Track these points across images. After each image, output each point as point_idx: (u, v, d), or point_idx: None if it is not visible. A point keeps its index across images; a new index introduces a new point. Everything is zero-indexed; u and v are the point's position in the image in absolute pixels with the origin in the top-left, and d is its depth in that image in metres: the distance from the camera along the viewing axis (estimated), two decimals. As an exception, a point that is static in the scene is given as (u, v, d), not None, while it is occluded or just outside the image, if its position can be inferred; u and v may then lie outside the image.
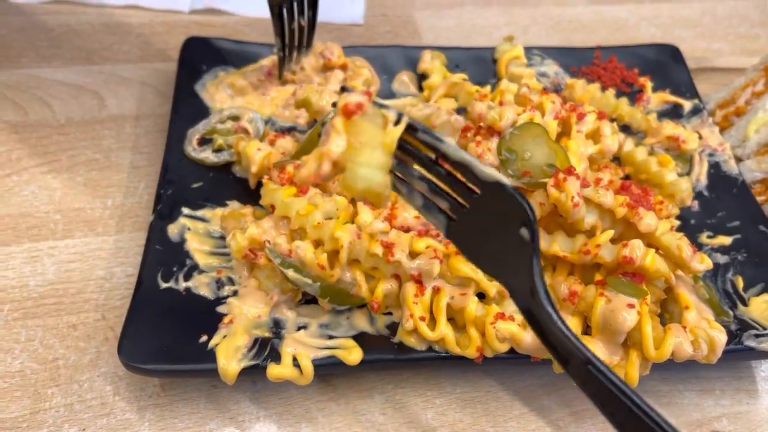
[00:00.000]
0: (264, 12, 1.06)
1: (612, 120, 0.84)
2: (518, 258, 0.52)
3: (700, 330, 0.61)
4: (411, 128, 0.51)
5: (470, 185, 0.52)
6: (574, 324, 0.63)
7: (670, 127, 0.82)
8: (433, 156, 0.52)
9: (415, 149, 0.52)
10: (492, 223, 0.53)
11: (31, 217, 0.76)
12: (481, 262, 0.55)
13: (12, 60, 0.94)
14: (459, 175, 0.52)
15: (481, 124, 0.71)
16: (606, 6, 1.18)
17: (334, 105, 0.50)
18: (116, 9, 1.04)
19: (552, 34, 1.11)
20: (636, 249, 0.62)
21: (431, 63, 0.90)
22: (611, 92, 0.86)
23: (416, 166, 0.53)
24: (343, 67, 0.87)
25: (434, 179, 0.53)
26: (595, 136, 0.74)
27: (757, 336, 0.66)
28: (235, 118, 0.80)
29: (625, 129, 0.85)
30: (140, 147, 0.85)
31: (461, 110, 0.84)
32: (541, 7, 1.16)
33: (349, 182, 0.50)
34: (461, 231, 0.54)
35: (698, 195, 0.80)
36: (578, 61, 0.95)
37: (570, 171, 0.65)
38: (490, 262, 0.54)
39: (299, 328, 0.65)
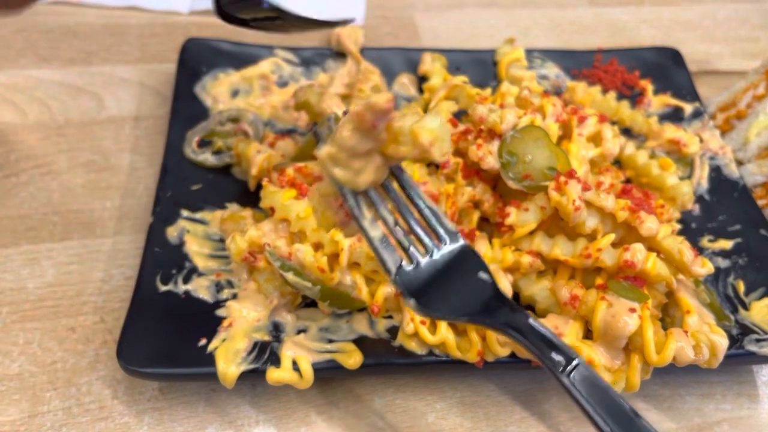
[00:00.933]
0: (264, 13, 1.06)
1: (613, 123, 0.84)
2: (481, 294, 0.54)
3: (702, 334, 0.61)
4: (398, 168, 0.53)
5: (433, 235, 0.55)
6: (575, 328, 0.62)
7: (671, 131, 0.82)
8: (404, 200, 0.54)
9: (393, 189, 0.53)
10: (448, 270, 0.54)
11: (29, 219, 0.76)
12: (433, 302, 0.53)
13: (11, 60, 0.94)
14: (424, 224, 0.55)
15: (482, 126, 0.71)
16: (606, 8, 1.18)
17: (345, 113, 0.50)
18: (115, 10, 1.04)
19: (552, 35, 1.11)
20: (637, 253, 0.62)
21: (432, 65, 0.89)
22: (612, 95, 0.86)
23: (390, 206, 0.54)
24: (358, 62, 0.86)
25: (404, 219, 0.54)
26: (596, 139, 0.74)
27: (758, 340, 0.65)
28: (235, 120, 0.80)
29: (626, 132, 0.85)
30: (139, 149, 0.84)
31: (462, 113, 0.84)
32: (542, 9, 1.16)
33: (415, 128, 0.48)
34: (412, 276, 0.53)
35: (699, 198, 0.80)
36: (579, 63, 0.94)
37: (571, 174, 0.65)
38: (444, 306, 0.54)
39: (299, 332, 0.65)
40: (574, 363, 0.51)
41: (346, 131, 0.48)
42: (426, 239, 0.54)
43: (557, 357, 0.52)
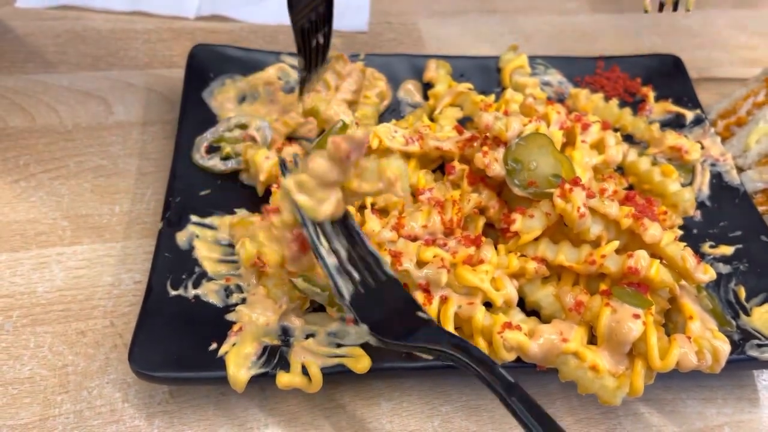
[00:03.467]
0: (269, 19, 1.07)
1: (615, 130, 0.85)
2: (423, 325, 0.57)
3: (705, 340, 0.62)
4: (348, 213, 0.59)
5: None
6: (579, 334, 0.63)
7: (672, 137, 0.83)
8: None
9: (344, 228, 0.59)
10: (392, 303, 0.59)
11: (39, 224, 0.77)
12: (384, 329, 0.57)
13: (19, 65, 0.94)
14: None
15: (488, 134, 0.72)
16: (608, 15, 1.19)
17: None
18: (122, 15, 1.04)
19: (554, 42, 1.12)
20: (641, 259, 0.63)
21: (436, 72, 0.90)
22: (614, 102, 0.87)
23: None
24: (363, 71, 0.87)
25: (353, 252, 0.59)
26: (599, 146, 0.75)
27: (759, 346, 0.66)
28: (243, 127, 0.81)
29: (628, 139, 0.86)
30: (147, 153, 0.85)
31: (466, 119, 0.85)
32: (544, 16, 1.17)
33: (383, 164, 0.55)
34: (365, 302, 0.58)
35: (700, 205, 0.81)
36: (581, 70, 0.95)
37: (576, 182, 0.66)
38: (393, 331, 0.57)
39: (307, 336, 0.66)
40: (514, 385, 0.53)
41: (320, 158, 0.53)
42: (372, 274, 0.58)
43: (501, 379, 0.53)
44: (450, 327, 0.64)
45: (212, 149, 0.80)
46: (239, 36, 1.04)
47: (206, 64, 0.89)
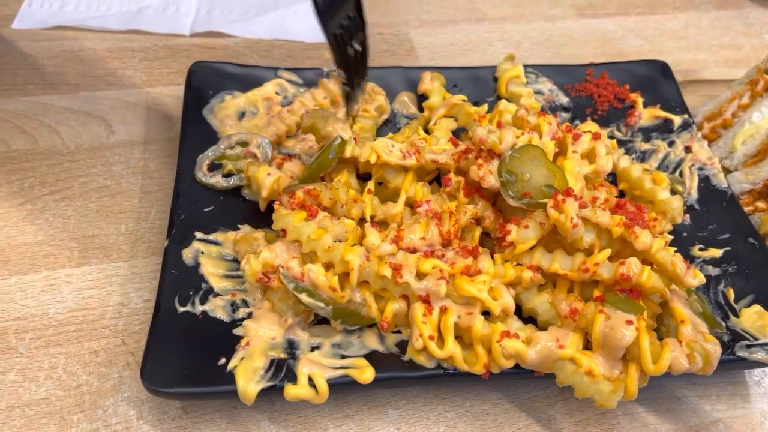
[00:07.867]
0: (263, 34, 1.09)
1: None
2: None
3: (696, 344, 0.64)
4: None
5: None
6: (575, 340, 0.65)
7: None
8: None
9: None
10: None
11: (46, 245, 0.78)
12: None
13: (19, 87, 0.96)
14: None
15: (482, 147, 0.74)
16: (594, 20, 1.22)
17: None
18: (118, 34, 1.06)
19: (543, 48, 1.14)
20: (633, 266, 0.66)
21: (431, 84, 0.92)
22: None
23: None
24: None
25: None
26: (590, 155, 0.77)
27: (748, 346, 0.69)
28: (244, 144, 0.83)
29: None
30: (150, 172, 0.87)
31: (461, 129, 0.87)
32: (532, 23, 1.19)
33: None
34: None
35: (689, 208, 0.84)
36: (571, 78, 0.98)
37: (568, 192, 0.68)
38: None
39: (313, 349, 0.68)
40: None
41: None
42: None
43: None
44: (450, 336, 0.66)
45: (214, 166, 0.82)
46: (235, 51, 1.05)
47: (205, 82, 0.90)
